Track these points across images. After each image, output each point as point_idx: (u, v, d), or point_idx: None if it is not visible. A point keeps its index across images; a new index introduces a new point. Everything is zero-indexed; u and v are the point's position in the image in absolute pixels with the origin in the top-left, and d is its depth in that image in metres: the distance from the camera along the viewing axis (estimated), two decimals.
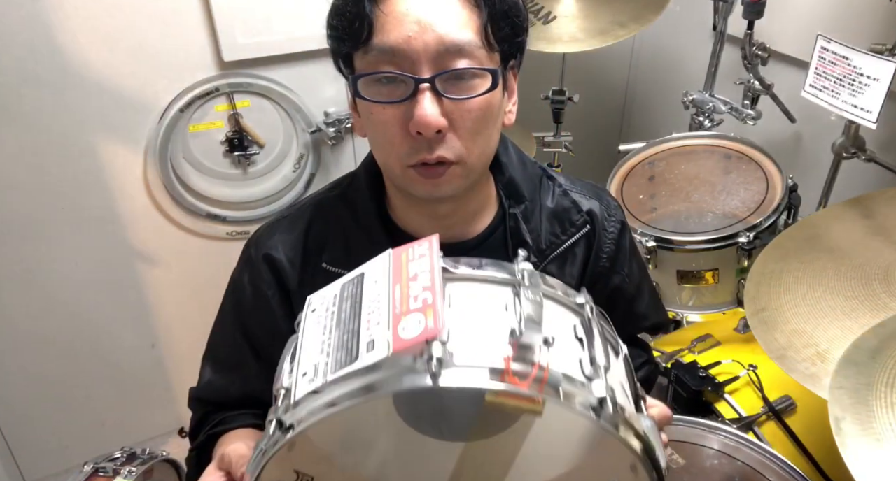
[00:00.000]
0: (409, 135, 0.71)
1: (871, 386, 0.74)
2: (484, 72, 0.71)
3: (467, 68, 0.70)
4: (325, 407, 0.48)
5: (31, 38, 1.45)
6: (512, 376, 0.47)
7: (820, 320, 1.00)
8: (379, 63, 0.70)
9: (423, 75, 0.69)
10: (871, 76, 1.23)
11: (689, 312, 1.58)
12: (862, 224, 1.16)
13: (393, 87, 0.71)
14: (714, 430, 1.19)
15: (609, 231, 0.93)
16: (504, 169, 0.88)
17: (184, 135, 1.71)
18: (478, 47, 0.70)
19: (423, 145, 0.72)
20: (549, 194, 0.91)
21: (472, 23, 0.70)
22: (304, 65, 1.74)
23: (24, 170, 1.57)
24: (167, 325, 1.92)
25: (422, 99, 0.69)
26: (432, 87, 0.69)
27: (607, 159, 2.10)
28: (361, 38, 0.69)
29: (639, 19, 1.68)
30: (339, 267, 0.85)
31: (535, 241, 0.88)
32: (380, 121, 0.73)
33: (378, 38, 0.69)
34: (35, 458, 1.91)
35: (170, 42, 1.58)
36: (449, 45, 0.68)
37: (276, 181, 1.88)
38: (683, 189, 1.58)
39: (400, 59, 0.69)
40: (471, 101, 0.71)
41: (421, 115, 0.69)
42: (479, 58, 0.71)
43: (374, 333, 0.50)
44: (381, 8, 0.69)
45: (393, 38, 0.68)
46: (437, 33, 0.68)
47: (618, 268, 0.95)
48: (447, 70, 0.69)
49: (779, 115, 1.69)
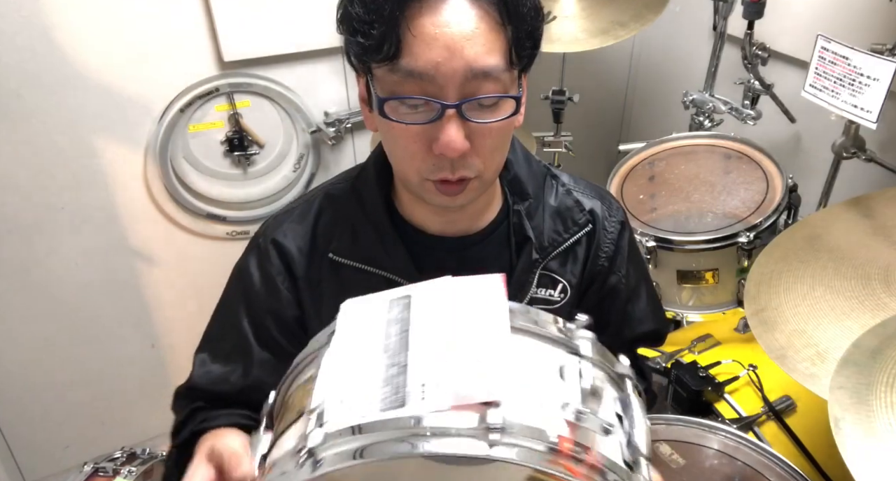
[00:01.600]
0: (432, 154, 0.72)
1: (871, 386, 0.74)
2: (509, 99, 0.72)
3: (494, 96, 0.71)
4: (362, 451, 0.44)
5: (31, 38, 1.45)
6: (567, 460, 0.45)
7: (820, 320, 1.00)
8: (404, 84, 0.69)
9: (450, 100, 0.69)
10: (871, 76, 1.23)
11: (689, 312, 1.58)
12: (862, 224, 1.16)
13: (418, 108, 0.71)
14: (714, 430, 1.19)
15: (609, 231, 0.94)
16: (510, 166, 0.89)
17: (184, 135, 1.71)
18: (503, 71, 0.70)
19: (445, 164, 0.73)
20: (552, 192, 0.93)
21: (499, 45, 0.70)
22: (304, 65, 1.74)
23: (24, 170, 1.57)
24: (167, 325, 1.92)
25: (448, 124, 0.69)
26: (458, 112, 0.70)
27: (607, 159, 2.11)
28: (388, 57, 0.68)
29: (639, 19, 1.68)
30: (345, 257, 0.87)
31: (538, 238, 0.89)
32: (402, 136, 0.73)
33: (406, 60, 0.68)
34: (35, 458, 1.91)
35: (170, 42, 1.58)
36: (477, 72, 0.68)
37: (276, 181, 1.88)
38: (683, 189, 1.58)
39: (426, 84, 0.68)
40: (494, 123, 0.72)
41: (447, 141, 0.70)
42: (504, 81, 0.71)
43: (425, 377, 0.46)
44: (411, 30, 0.67)
45: (422, 63, 0.67)
46: (465, 59, 0.68)
47: (615, 268, 0.96)
48: (474, 98, 0.70)
49: (779, 115, 1.69)
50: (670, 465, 1.16)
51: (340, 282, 0.88)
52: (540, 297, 0.91)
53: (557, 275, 0.91)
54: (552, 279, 0.91)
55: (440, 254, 0.88)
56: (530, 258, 0.88)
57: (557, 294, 0.92)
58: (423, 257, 0.87)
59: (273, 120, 1.80)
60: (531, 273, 0.89)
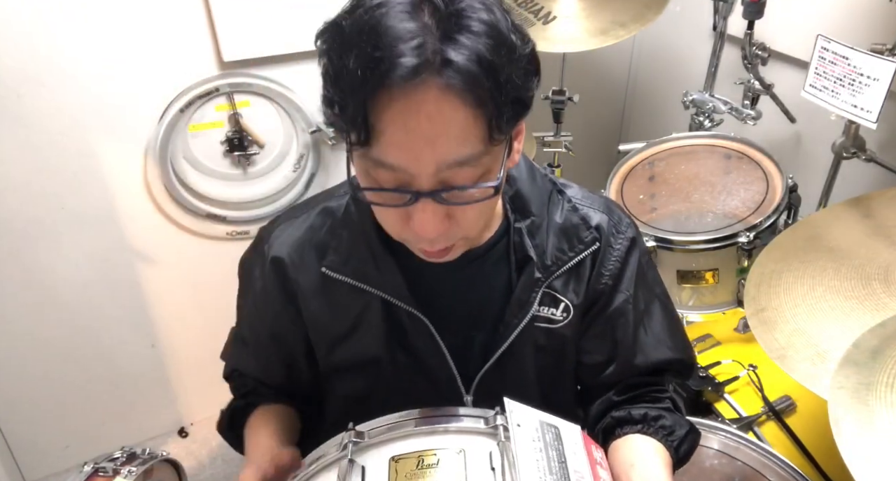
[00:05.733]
0: (410, 228, 0.70)
1: (871, 386, 0.74)
2: (487, 188, 0.68)
3: (469, 187, 0.67)
4: None
5: (31, 39, 1.45)
6: None
7: (820, 320, 1.00)
8: (377, 170, 0.66)
9: (424, 188, 0.66)
10: (871, 76, 1.23)
11: (689, 312, 1.58)
12: (862, 224, 1.16)
13: (393, 193, 0.68)
14: (714, 430, 1.19)
15: (615, 248, 0.89)
16: (513, 182, 0.86)
17: (184, 135, 1.71)
18: (482, 154, 0.66)
19: (424, 241, 0.72)
20: (557, 209, 0.89)
21: (476, 131, 0.64)
22: (304, 65, 1.74)
23: (24, 170, 1.57)
24: (167, 325, 1.92)
25: (422, 210, 0.67)
26: (433, 198, 0.67)
27: (607, 159, 2.11)
28: (359, 143, 0.65)
29: (639, 19, 1.67)
30: (338, 273, 0.85)
31: (541, 257, 0.85)
32: (379, 212, 0.73)
33: (376, 151, 0.64)
34: (35, 458, 1.91)
35: (170, 42, 1.58)
36: (451, 163, 0.65)
37: (276, 181, 1.88)
38: (683, 189, 1.58)
39: (400, 173, 0.65)
40: (473, 204, 0.70)
41: (421, 227, 0.68)
42: (484, 163, 0.67)
43: None
44: (381, 121, 0.62)
45: (393, 157, 0.64)
46: (437, 153, 0.64)
47: (622, 287, 0.90)
48: (448, 188, 0.66)
49: (779, 115, 1.69)
50: None
51: (333, 296, 0.87)
52: (542, 316, 0.88)
53: (560, 294, 0.87)
54: (554, 298, 0.87)
55: (435, 272, 0.85)
56: (532, 277, 0.85)
57: (560, 313, 0.88)
58: (418, 275, 0.85)
59: (273, 120, 1.80)
60: (533, 292, 0.86)
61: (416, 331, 0.86)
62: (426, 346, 0.87)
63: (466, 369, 0.88)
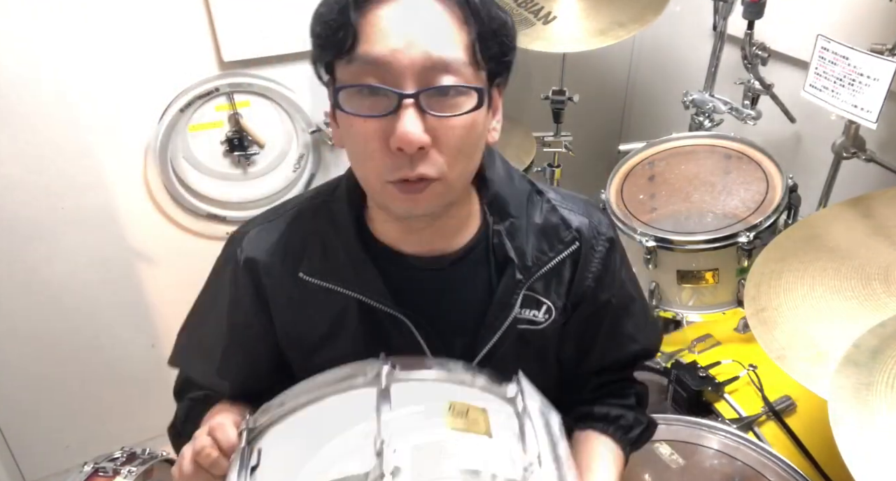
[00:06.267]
0: (390, 151, 0.69)
1: (871, 386, 0.74)
2: (470, 90, 0.69)
3: (453, 86, 0.68)
4: None
5: (31, 39, 1.45)
6: None
7: (820, 320, 1.00)
8: (362, 74, 0.68)
9: (407, 90, 0.67)
10: (871, 76, 1.23)
11: (689, 312, 1.58)
12: (862, 224, 1.16)
13: (375, 100, 0.68)
14: (714, 430, 1.19)
15: (597, 250, 0.90)
16: (490, 184, 0.85)
17: (184, 135, 1.71)
18: (465, 65, 0.69)
19: (404, 162, 0.69)
20: (536, 210, 0.88)
21: (461, 39, 0.68)
22: (304, 65, 1.74)
23: (24, 170, 1.57)
24: (167, 325, 1.92)
25: (404, 115, 0.67)
26: (416, 102, 0.67)
27: (607, 159, 2.10)
28: (345, 48, 0.67)
29: (639, 19, 1.68)
30: (315, 277, 0.84)
31: (521, 258, 0.85)
32: (360, 134, 0.71)
33: (362, 48, 0.67)
34: (35, 458, 1.91)
35: (170, 42, 1.58)
36: (436, 61, 0.67)
37: (276, 181, 1.88)
38: (683, 189, 1.58)
39: (383, 72, 0.67)
40: (455, 118, 0.69)
41: (403, 132, 0.67)
42: (466, 75, 0.69)
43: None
44: (366, 18, 0.66)
45: (377, 49, 0.66)
46: (423, 48, 0.66)
47: (605, 287, 0.92)
48: (432, 87, 0.67)
49: (779, 115, 1.69)
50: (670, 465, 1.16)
51: (309, 302, 0.85)
52: (524, 318, 0.88)
53: (541, 296, 0.87)
54: (536, 300, 0.87)
55: (414, 274, 0.85)
56: (513, 279, 0.85)
57: (542, 315, 0.88)
58: (397, 277, 0.84)
59: (273, 120, 1.80)
60: (514, 294, 0.85)
61: (397, 333, 0.85)
62: (408, 348, 0.85)
63: None
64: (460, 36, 0.68)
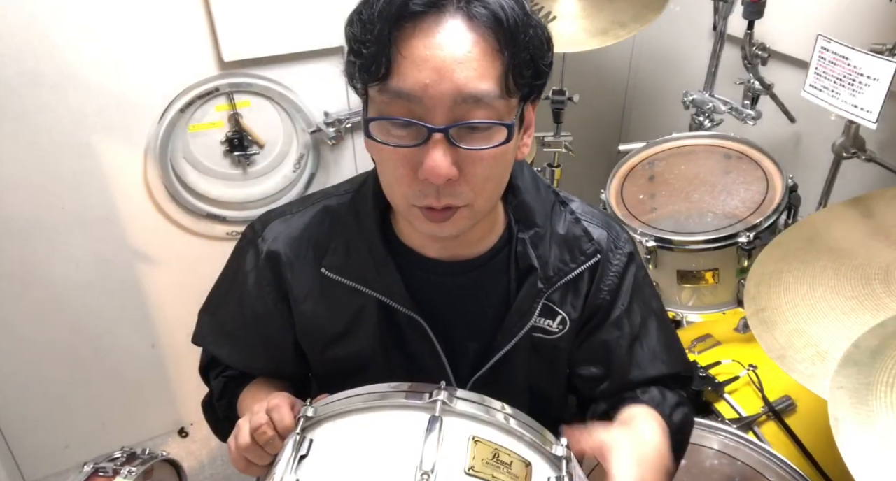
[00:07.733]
0: (418, 179, 0.70)
1: (871, 386, 0.74)
2: (500, 126, 0.69)
3: (482, 122, 0.68)
4: None
5: (31, 38, 1.45)
6: None
7: (820, 320, 1.00)
8: (393, 105, 0.68)
9: (437, 124, 0.67)
10: (871, 76, 1.23)
11: (689, 312, 1.58)
12: (862, 224, 1.16)
13: (405, 130, 0.69)
14: (714, 430, 1.19)
15: (613, 263, 0.90)
16: (517, 191, 0.86)
17: (184, 135, 1.71)
18: (496, 98, 0.67)
19: (430, 190, 0.70)
20: (560, 220, 0.89)
21: (493, 72, 0.67)
22: (304, 65, 1.74)
23: (25, 170, 1.57)
24: (167, 325, 1.92)
25: (433, 148, 0.67)
26: (445, 136, 0.67)
27: (607, 159, 2.11)
28: (378, 77, 0.67)
29: (639, 19, 1.68)
30: (337, 274, 0.85)
31: (543, 268, 0.86)
32: (389, 160, 0.72)
33: (394, 80, 0.66)
34: (35, 458, 1.91)
35: (170, 42, 1.58)
36: (466, 96, 0.66)
37: (276, 181, 1.88)
38: (683, 189, 1.58)
39: (414, 105, 0.67)
40: (484, 151, 0.70)
41: (431, 166, 0.67)
42: (497, 108, 0.68)
43: None
44: (401, 51, 0.65)
45: (410, 83, 0.66)
46: (454, 83, 0.65)
47: (618, 302, 0.91)
48: (462, 123, 0.67)
49: (779, 115, 1.69)
50: None
51: (329, 296, 0.86)
52: (539, 327, 0.88)
53: (558, 306, 0.88)
54: (552, 310, 0.88)
55: (435, 278, 0.86)
56: (535, 287, 0.85)
57: (556, 325, 0.89)
58: (417, 280, 0.85)
59: (273, 120, 1.80)
60: (534, 302, 0.86)
61: (413, 334, 0.86)
62: (422, 349, 0.87)
63: (460, 372, 0.89)
64: (493, 67, 0.67)
